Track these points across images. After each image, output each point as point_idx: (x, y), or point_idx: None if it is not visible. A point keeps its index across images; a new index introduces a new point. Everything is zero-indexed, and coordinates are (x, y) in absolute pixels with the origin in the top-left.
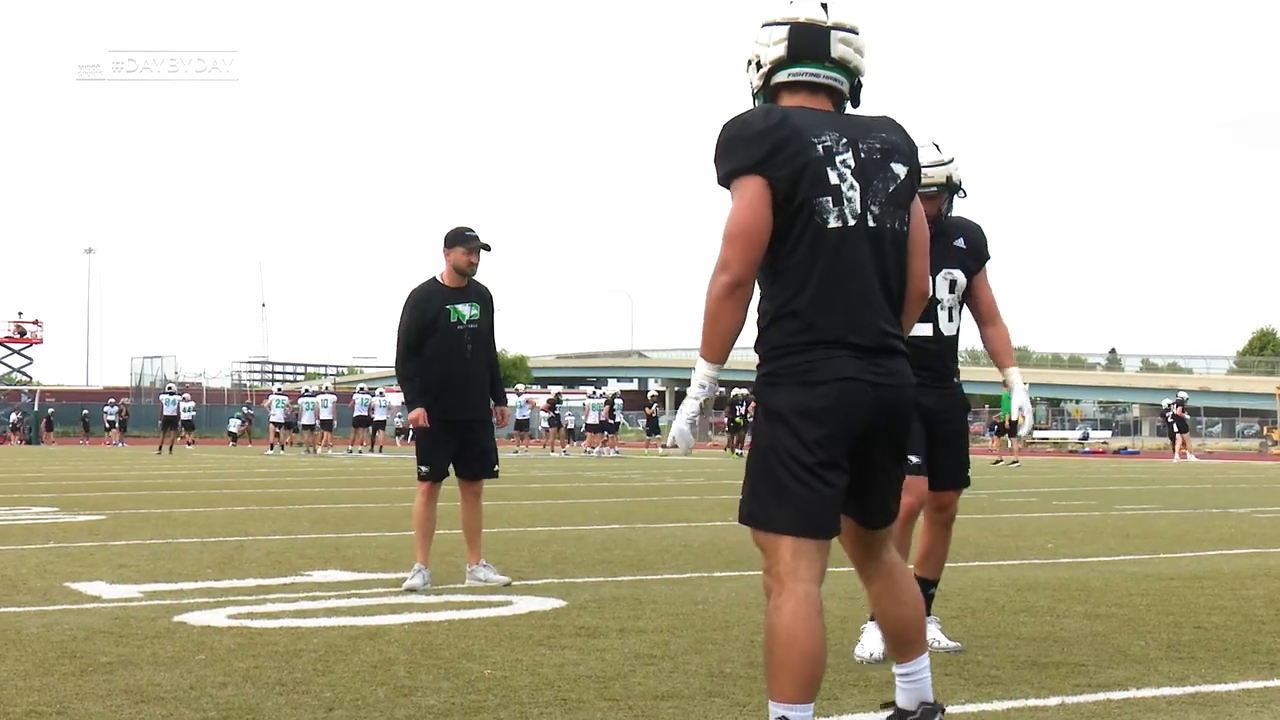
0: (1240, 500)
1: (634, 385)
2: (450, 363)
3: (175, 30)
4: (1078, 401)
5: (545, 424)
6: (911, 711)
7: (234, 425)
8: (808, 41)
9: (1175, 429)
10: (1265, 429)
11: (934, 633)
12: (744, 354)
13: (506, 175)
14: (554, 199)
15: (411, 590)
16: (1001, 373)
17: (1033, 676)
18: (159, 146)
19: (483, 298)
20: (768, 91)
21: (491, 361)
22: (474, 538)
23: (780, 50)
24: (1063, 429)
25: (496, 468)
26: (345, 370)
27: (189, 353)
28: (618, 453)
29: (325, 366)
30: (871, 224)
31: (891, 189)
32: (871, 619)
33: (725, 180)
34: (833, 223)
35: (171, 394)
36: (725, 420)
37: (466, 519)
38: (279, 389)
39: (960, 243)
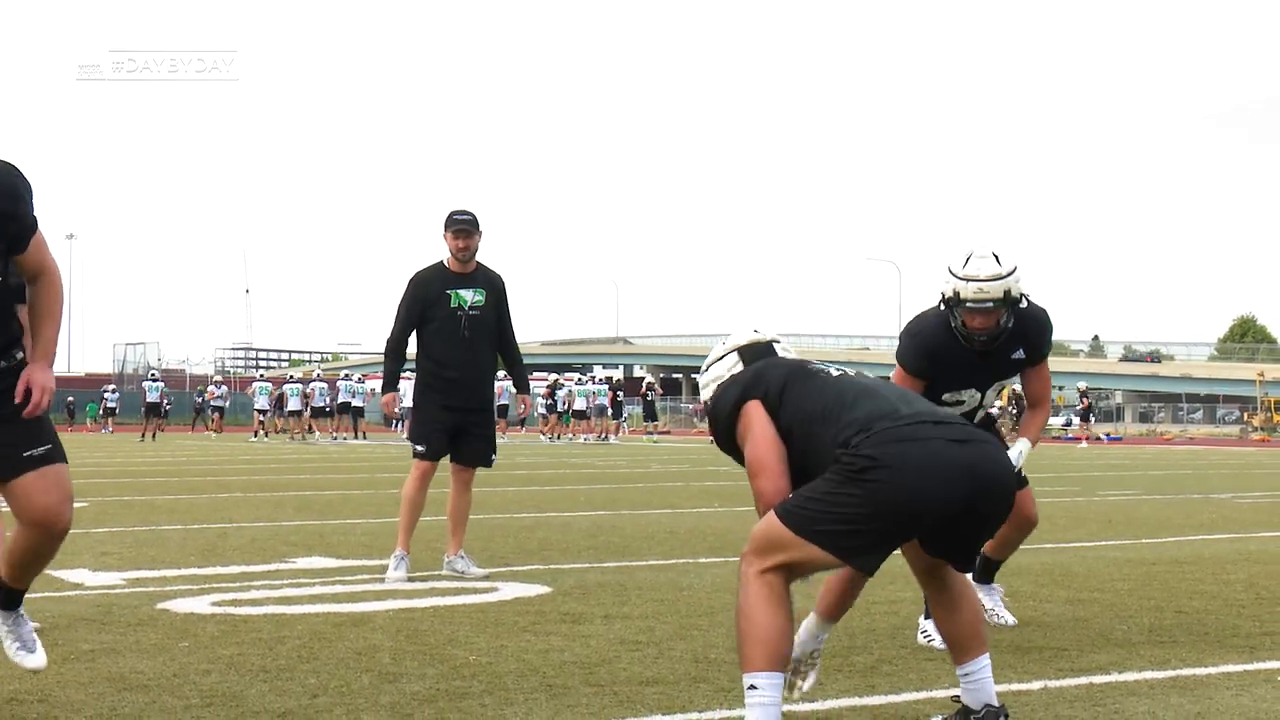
0: (1221, 486)
1: (619, 372)
2: (449, 348)
3: (175, 30)
4: (1060, 388)
5: (543, 410)
6: (975, 711)
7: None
8: (757, 355)
9: (1083, 417)
10: (1246, 415)
11: (994, 603)
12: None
13: (492, 162)
14: (539, 186)
15: (399, 581)
16: (1017, 438)
17: (1015, 661)
18: (140, 132)
19: (492, 285)
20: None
21: (507, 349)
22: (458, 527)
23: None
24: None
25: (494, 457)
26: (330, 356)
27: (172, 339)
28: (613, 439)
29: (310, 353)
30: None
31: None
32: (926, 617)
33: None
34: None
35: (154, 380)
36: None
37: (454, 506)
38: (262, 374)
39: (1019, 354)
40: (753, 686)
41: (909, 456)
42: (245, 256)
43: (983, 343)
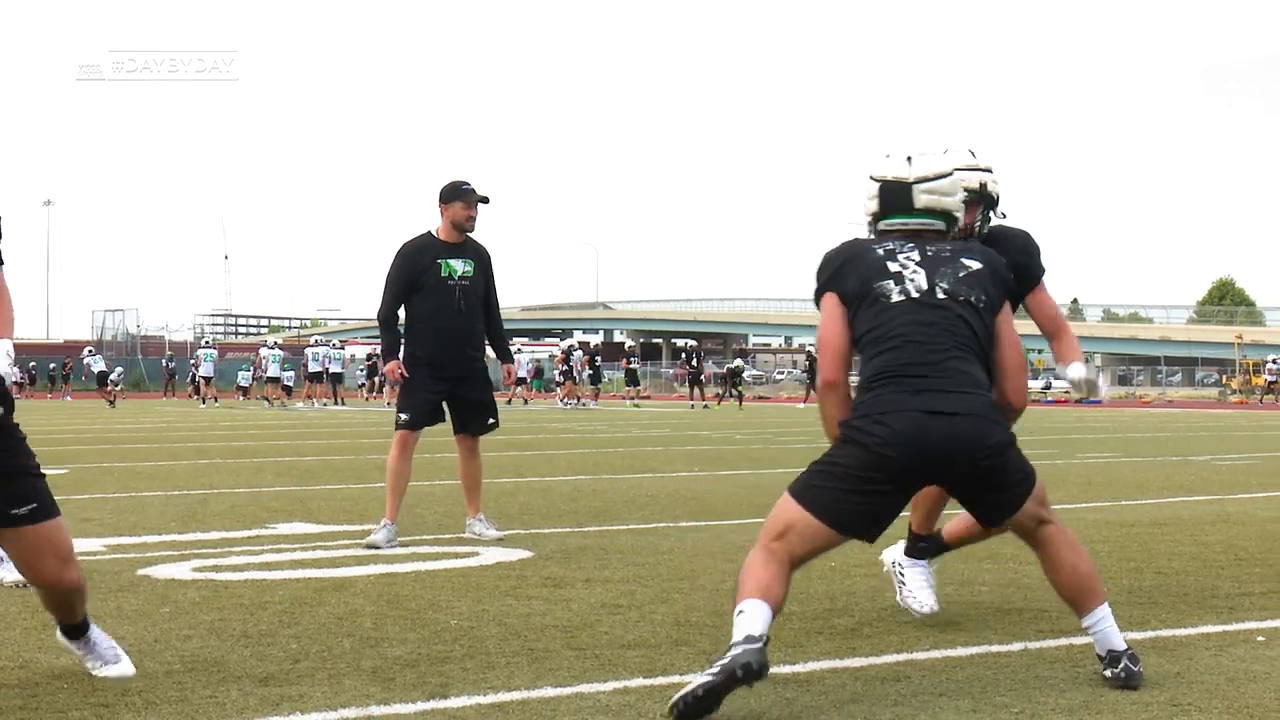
0: (1200, 448)
1: (599, 337)
2: (441, 317)
3: (176, 30)
4: (1040, 351)
5: (559, 376)
6: (1103, 658)
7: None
8: (894, 197)
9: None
10: (1224, 378)
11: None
12: (700, 306)
13: (470, 128)
14: (519, 150)
15: (373, 546)
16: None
17: (996, 622)
18: (118, 98)
19: (479, 256)
20: (875, 232)
21: (491, 320)
22: (473, 490)
23: (874, 205)
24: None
25: (492, 421)
26: (309, 323)
27: (151, 306)
28: (595, 404)
29: (289, 319)
30: (941, 295)
31: (962, 274)
32: (905, 553)
33: (815, 298)
34: (895, 298)
35: (93, 354)
36: (685, 372)
37: (465, 472)
38: (207, 342)
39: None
40: (740, 611)
41: (884, 425)
42: (224, 223)
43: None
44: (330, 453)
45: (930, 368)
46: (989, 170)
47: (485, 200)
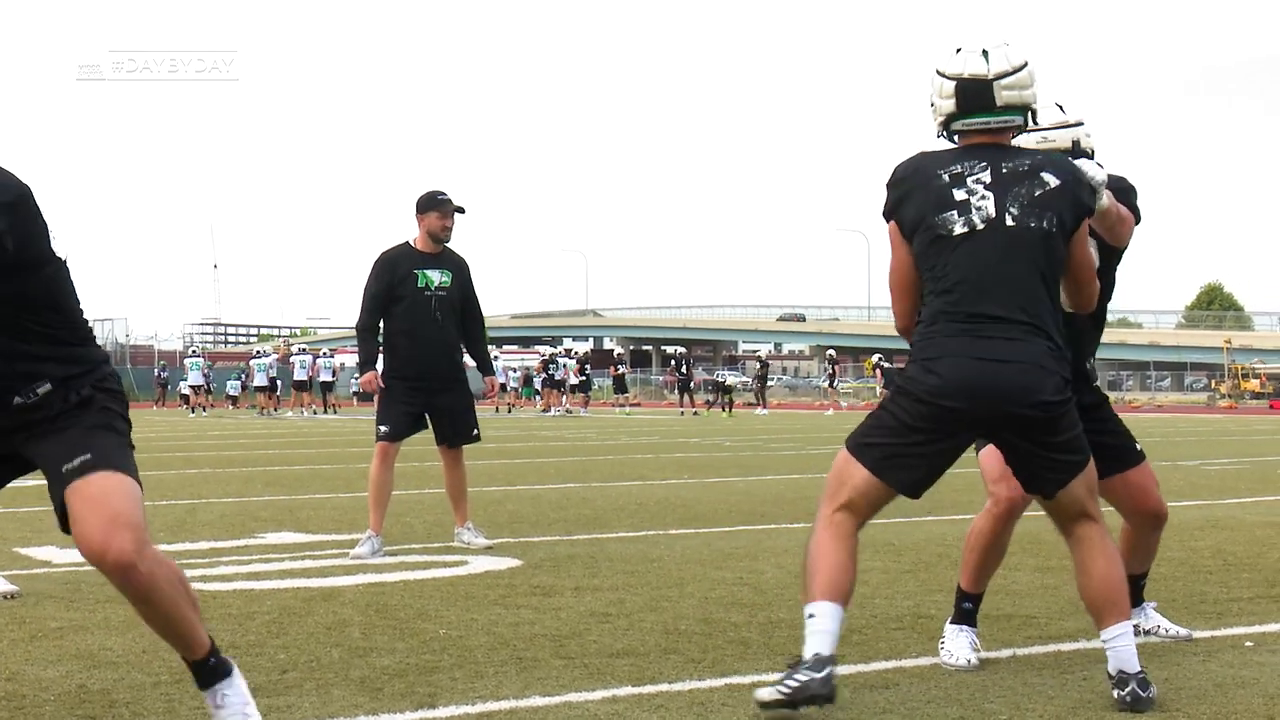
0: (1189, 453)
1: (589, 344)
2: (418, 328)
3: (176, 30)
4: None
5: (539, 384)
6: (1111, 676)
7: (185, 387)
8: (974, 96)
9: (829, 383)
10: (1213, 382)
11: (1155, 618)
12: (690, 313)
13: (460, 134)
14: (509, 158)
15: (358, 559)
16: None
17: (985, 629)
18: (106, 105)
19: (457, 266)
20: (949, 133)
21: (472, 332)
22: (459, 500)
23: (951, 105)
24: None
25: (476, 431)
26: (298, 331)
27: (140, 315)
28: (584, 412)
29: (278, 327)
30: (1010, 223)
31: (1038, 193)
32: (952, 622)
33: (884, 217)
34: (959, 229)
35: None
36: (675, 379)
37: (449, 482)
38: (194, 351)
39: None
40: (811, 615)
41: (935, 374)
42: (213, 231)
43: None
44: (319, 462)
45: (987, 313)
46: (1079, 124)
47: (461, 210)
